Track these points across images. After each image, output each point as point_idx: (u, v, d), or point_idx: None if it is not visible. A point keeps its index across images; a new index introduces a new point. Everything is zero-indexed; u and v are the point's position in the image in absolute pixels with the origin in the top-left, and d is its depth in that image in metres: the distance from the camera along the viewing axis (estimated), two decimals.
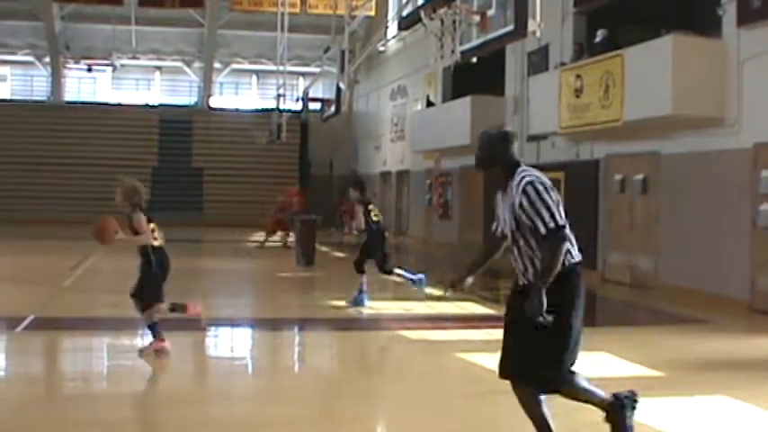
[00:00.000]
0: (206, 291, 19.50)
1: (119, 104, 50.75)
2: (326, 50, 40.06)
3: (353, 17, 32.37)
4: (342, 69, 28.96)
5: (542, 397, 6.71)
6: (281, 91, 42.27)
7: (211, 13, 47.50)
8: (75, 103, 50.62)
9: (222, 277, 22.77)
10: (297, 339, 14.17)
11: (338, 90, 30.73)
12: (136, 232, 10.75)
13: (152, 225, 10.87)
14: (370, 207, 16.64)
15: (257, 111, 50.11)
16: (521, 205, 6.41)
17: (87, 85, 52.05)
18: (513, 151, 6.82)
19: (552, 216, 6.31)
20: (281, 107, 42.41)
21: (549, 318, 6.22)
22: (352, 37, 30.33)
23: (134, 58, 51.44)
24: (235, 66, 52.64)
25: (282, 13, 39.25)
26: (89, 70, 50.87)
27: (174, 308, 11.35)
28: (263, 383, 10.41)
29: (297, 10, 42.59)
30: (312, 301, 17.90)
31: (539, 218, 6.32)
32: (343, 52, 29.12)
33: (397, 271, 16.94)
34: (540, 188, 6.42)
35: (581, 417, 7.33)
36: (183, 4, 43.34)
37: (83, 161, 46.73)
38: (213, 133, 49.34)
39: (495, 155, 6.87)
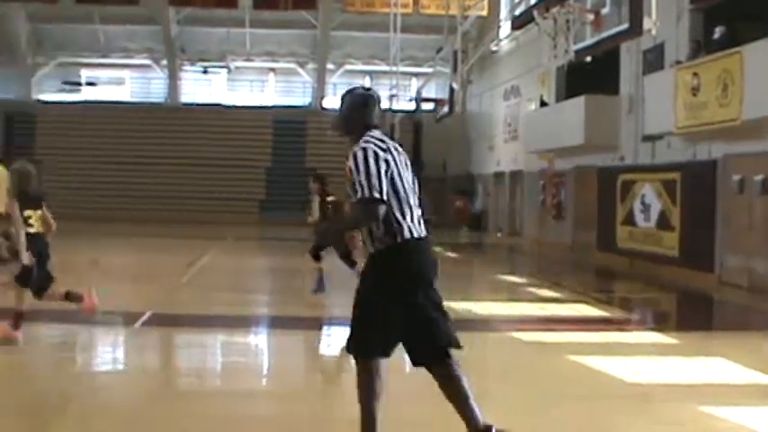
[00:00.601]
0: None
1: (233, 106, 51.38)
2: (439, 51, 40.08)
3: (466, 17, 32.36)
4: (455, 69, 28.98)
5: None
6: (393, 91, 42.39)
7: (324, 14, 47.85)
8: (191, 104, 51.44)
9: (334, 276, 22.84)
10: None
11: (451, 90, 30.71)
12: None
13: (27, 212, 10.89)
14: (330, 199, 16.63)
15: None
16: (350, 169, 6.25)
17: (203, 86, 52.84)
18: (369, 117, 6.55)
19: (370, 185, 6.12)
20: (394, 107, 42.53)
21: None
22: (464, 37, 30.35)
23: (248, 59, 52.13)
24: (348, 67, 52.95)
25: (395, 14, 39.38)
26: (204, 72, 51.72)
27: (68, 296, 11.43)
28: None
29: (409, 10, 42.71)
30: None
31: (359, 184, 6.14)
32: (455, 52, 29.13)
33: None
34: (370, 152, 6.23)
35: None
36: (297, 6, 43.74)
37: (199, 161, 47.44)
38: (326, 134, 49.63)
39: (351, 119, 6.58)
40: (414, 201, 6.45)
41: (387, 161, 6.26)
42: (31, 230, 10.90)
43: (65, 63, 52.75)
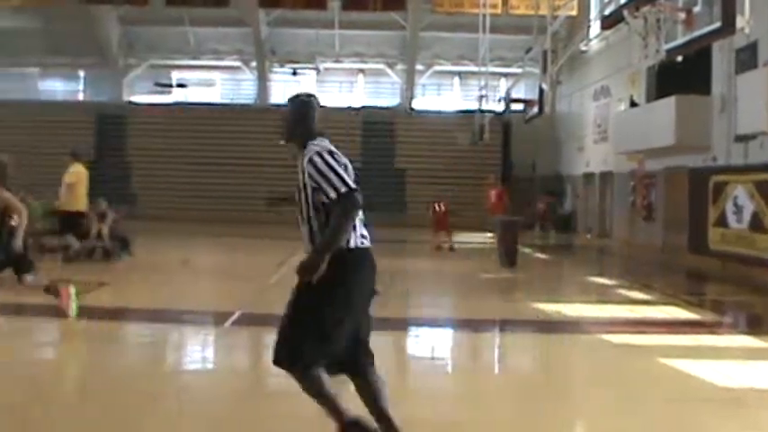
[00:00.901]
0: (408, 291, 19.64)
1: (323, 107, 51.42)
2: (528, 51, 39.88)
3: (555, 17, 32.11)
4: (544, 70, 28.79)
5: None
6: (482, 92, 42.27)
7: (413, 15, 47.87)
8: (280, 105, 51.62)
9: (424, 277, 22.89)
10: (497, 341, 14.13)
11: (541, 91, 30.52)
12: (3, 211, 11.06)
13: None
14: None
15: (459, 112, 50.25)
16: (309, 176, 6.37)
17: (292, 88, 53.14)
18: (312, 123, 6.82)
19: (342, 180, 6.27)
20: (483, 108, 42.41)
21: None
22: (554, 37, 30.13)
23: (337, 61, 52.37)
24: (437, 67, 52.92)
25: (484, 15, 39.28)
26: (294, 74, 52.04)
27: (48, 289, 11.76)
28: (461, 383, 10.41)
29: (498, 11, 42.57)
30: (513, 302, 17.82)
31: (328, 184, 6.27)
32: (545, 52, 28.94)
33: None
34: (326, 155, 6.43)
35: None
36: (386, 7, 43.77)
37: (288, 162, 47.51)
38: (416, 134, 49.65)
39: (294, 126, 6.83)
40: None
41: (339, 162, 6.49)
42: (13, 223, 11.20)
43: (156, 65, 53.48)
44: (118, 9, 48.74)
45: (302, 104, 6.91)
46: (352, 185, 6.29)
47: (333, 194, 6.26)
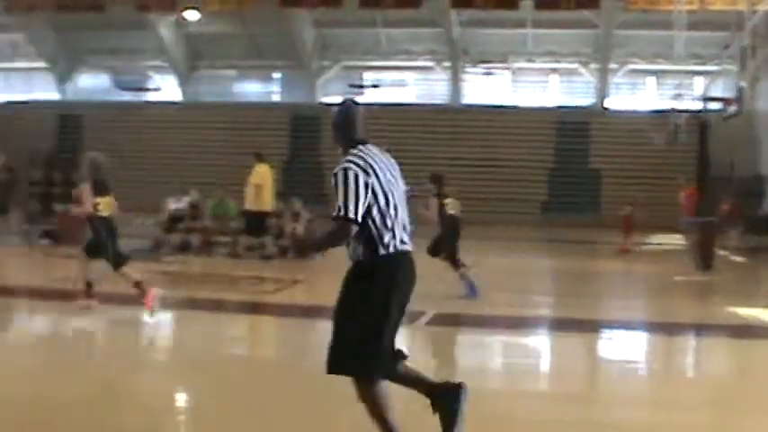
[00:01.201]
0: (600, 292, 19.49)
1: (515, 107, 51.41)
2: (726, 47, 38.95)
3: (754, 12, 31.30)
4: (743, 67, 28.10)
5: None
6: (678, 91, 41.47)
7: (606, 13, 47.25)
8: (473, 105, 51.79)
9: (616, 279, 22.65)
10: (692, 344, 13.88)
11: (739, 89, 29.80)
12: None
13: (98, 199, 12.46)
14: (447, 201, 16.80)
15: (654, 111, 49.33)
16: (334, 185, 6.51)
17: (485, 87, 53.15)
18: (352, 131, 6.87)
19: (346, 207, 6.40)
20: (679, 107, 41.61)
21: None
22: (752, 33, 29.36)
23: (530, 60, 52.13)
24: (631, 66, 52.11)
25: (679, 11, 38.54)
26: (487, 74, 52.04)
27: (137, 284, 12.54)
28: (655, 387, 10.28)
29: (694, 7, 41.65)
30: (709, 306, 17.46)
31: (337, 202, 6.41)
32: (743, 49, 28.25)
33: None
34: (350, 174, 6.50)
35: None
36: (579, 5, 43.38)
37: (481, 162, 47.60)
38: (610, 134, 48.95)
39: (337, 134, 6.92)
40: (399, 214, 6.71)
41: (366, 183, 6.53)
42: (102, 215, 12.53)
43: (348, 66, 54.30)
44: (313, 12, 49.74)
45: (343, 112, 7.03)
46: (351, 216, 6.42)
47: (334, 214, 6.47)
